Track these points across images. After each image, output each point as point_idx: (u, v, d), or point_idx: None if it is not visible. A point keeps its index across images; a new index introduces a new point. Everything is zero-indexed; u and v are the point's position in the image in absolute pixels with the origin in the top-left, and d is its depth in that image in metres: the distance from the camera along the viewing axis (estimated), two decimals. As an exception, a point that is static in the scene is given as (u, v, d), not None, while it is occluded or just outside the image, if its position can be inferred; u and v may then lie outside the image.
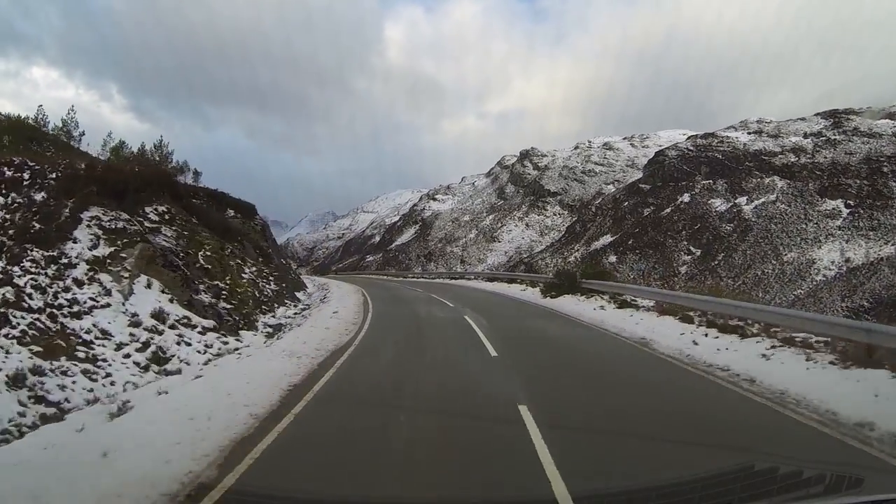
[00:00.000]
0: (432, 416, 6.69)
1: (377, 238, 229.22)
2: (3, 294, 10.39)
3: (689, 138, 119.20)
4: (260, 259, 22.09)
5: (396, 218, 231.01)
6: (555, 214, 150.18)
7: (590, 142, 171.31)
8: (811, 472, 3.22)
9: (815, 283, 73.31)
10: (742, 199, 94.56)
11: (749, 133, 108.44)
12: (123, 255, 13.37)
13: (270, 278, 20.85)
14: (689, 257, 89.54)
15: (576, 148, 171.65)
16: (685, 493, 3.35)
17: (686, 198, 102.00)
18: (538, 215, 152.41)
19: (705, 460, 4.72)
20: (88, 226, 13.73)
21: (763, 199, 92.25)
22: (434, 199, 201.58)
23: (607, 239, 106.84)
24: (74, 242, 13.08)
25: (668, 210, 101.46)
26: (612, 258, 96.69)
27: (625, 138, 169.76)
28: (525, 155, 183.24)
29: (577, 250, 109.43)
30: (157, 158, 26.56)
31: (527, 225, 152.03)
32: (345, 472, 4.86)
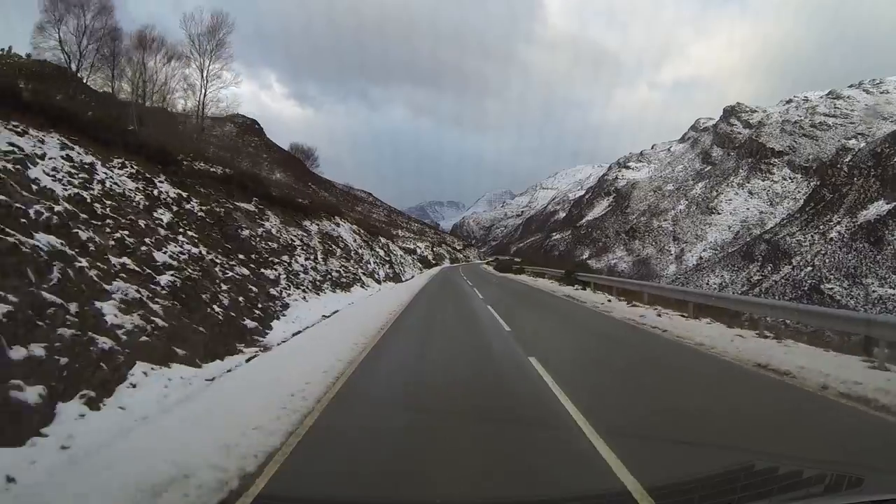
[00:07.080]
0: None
1: (562, 214, 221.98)
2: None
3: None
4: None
5: (581, 192, 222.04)
6: (784, 178, 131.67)
7: (804, 96, 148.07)
8: (811, 471, 3.23)
9: None
10: None
11: None
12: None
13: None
14: None
15: (788, 101, 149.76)
16: (684, 493, 3.32)
17: None
18: (763, 180, 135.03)
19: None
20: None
21: None
22: (626, 168, 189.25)
23: (881, 206, 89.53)
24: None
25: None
26: (901, 232, 79.92)
27: (850, 86, 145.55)
28: (730, 112, 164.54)
29: (837, 222, 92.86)
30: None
31: (749, 192, 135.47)
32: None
